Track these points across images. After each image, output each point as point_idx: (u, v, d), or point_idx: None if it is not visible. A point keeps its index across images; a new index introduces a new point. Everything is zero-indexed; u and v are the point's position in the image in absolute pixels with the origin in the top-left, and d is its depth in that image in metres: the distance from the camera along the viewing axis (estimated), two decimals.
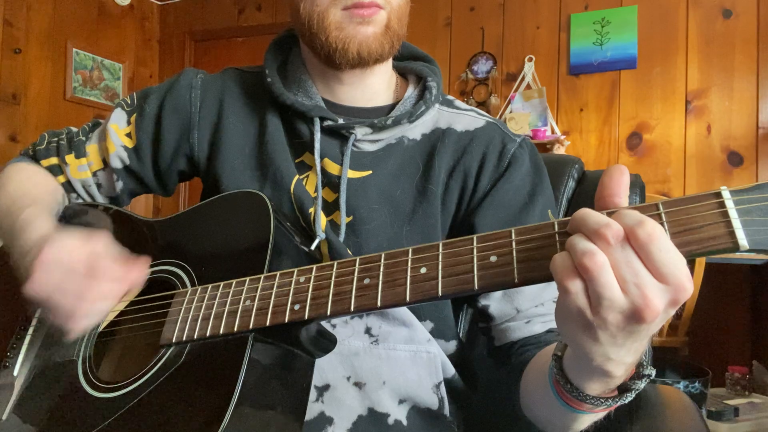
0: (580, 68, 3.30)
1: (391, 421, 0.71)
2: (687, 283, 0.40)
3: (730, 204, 0.41)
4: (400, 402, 0.72)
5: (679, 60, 3.12)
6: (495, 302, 0.73)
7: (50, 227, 0.67)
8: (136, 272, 0.63)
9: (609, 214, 0.42)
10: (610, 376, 0.46)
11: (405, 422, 0.71)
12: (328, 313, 0.53)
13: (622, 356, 0.44)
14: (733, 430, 2.25)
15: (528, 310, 0.72)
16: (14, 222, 0.70)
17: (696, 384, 2.33)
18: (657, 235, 0.39)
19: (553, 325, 0.71)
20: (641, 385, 0.49)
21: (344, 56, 0.72)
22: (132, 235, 0.77)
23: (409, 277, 0.51)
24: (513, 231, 0.47)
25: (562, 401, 0.53)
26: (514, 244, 0.47)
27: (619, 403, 0.50)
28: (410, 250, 0.52)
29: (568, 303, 0.42)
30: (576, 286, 0.41)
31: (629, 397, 0.49)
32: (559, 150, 3.13)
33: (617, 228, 0.40)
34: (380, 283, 0.52)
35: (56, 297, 0.59)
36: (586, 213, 0.42)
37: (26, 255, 0.63)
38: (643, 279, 0.39)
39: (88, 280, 0.59)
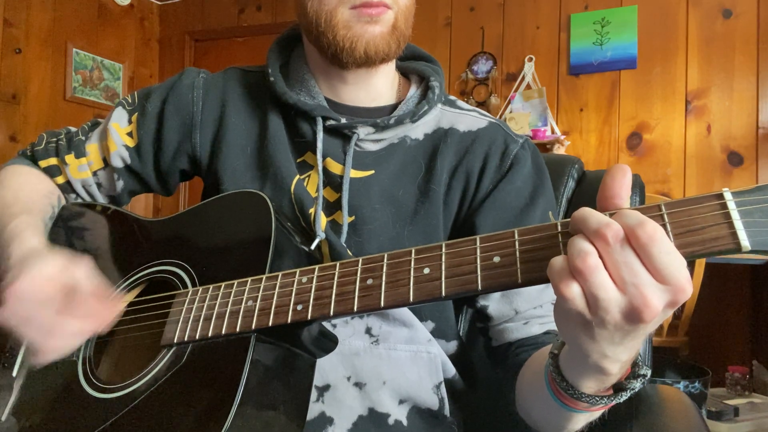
0: (580, 68, 3.30)
1: (391, 421, 0.71)
2: (686, 285, 0.40)
3: (732, 205, 0.41)
4: (401, 402, 0.72)
5: (679, 60, 3.12)
6: (494, 303, 0.73)
7: (35, 243, 0.67)
8: (108, 312, 0.62)
9: (610, 215, 0.41)
10: (606, 373, 0.47)
11: (405, 422, 0.72)
12: (331, 313, 0.53)
13: (618, 354, 0.44)
14: (733, 430, 2.25)
15: (526, 311, 0.72)
16: (2, 231, 0.70)
17: (696, 384, 2.33)
18: (658, 237, 0.39)
19: (551, 326, 0.71)
20: (636, 384, 0.49)
21: (351, 55, 0.72)
22: (131, 235, 0.77)
23: (412, 278, 0.50)
24: (516, 231, 0.47)
25: (557, 400, 0.53)
26: (517, 244, 0.47)
27: (614, 402, 0.50)
28: (413, 251, 0.52)
29: (565, 305, 0.42)
30: (573, 290, 0.41)
31: (624, 397, 0.49)
32: (559, 150, 3.13)
33: (617, 228, 0.39)
34: (383, 283, 0.52)
35: (24, 330, 0.59)
36: (587, 212, 0.42)
37: (8, 272, 0.63)
38: (642, 279, 0.39)
39: (59, 316, 0.58)
